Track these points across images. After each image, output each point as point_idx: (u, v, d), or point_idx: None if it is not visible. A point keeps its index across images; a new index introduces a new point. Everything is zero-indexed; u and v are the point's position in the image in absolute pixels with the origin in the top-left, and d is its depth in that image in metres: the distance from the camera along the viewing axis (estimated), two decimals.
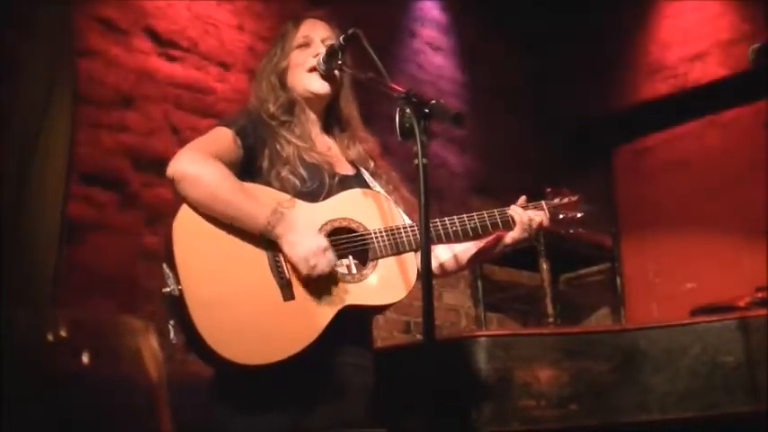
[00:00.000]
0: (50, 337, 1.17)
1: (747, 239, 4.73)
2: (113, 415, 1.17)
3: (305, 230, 2.00)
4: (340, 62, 2.18)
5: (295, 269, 1.99)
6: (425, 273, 1.72)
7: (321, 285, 2.01)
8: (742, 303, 3.07)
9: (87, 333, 1.20)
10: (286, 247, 1.98)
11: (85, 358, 1.16)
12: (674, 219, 5.15)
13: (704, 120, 5.16)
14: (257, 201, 2.02)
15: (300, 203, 2.08)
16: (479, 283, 4.95)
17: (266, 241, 2.01)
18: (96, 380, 1.16)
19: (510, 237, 2.21)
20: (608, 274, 5.25)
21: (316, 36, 2.26)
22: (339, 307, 1.99)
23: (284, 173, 2.09)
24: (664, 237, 5.20)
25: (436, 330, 1.73)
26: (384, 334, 4.20)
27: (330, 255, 1.99)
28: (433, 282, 1.77)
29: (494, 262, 4.95)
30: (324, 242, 2.00)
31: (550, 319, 4.42)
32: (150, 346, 1.21)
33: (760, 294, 3.19)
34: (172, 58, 3.79)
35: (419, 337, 4.27)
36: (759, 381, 2.59)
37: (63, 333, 1.19)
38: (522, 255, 4.41)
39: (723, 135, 5.07)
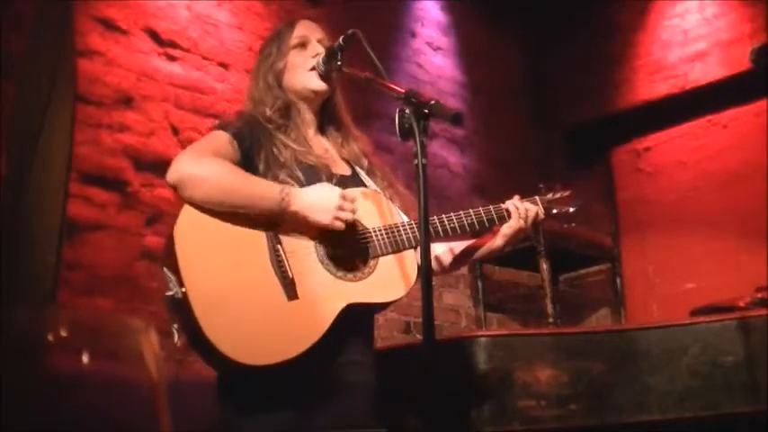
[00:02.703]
0: (50, 337, 1.17)
1: (747, 239, 4.73)
2: (113, 415, 1.17)
3: (317, 194, 2.04)
4: (339, 63, 2.18)
5: (298, 267, 2.01)
6: (425, 273, 1.72)
7: (324, 284, 2.02)
8: (742, 303, 3.06)
9: (87, 333, 1.20)
10: (312, 218, 2.02)
11: (85, 358, 1.16)
12: (673, 219, 5.15)
13: (704, 120, 5.15)
14: (264, 183, 2.05)
15: None
16: (479, 283, 4.95)
17: (268, 239, 2.03)
18: (96, 380, 1.16)
19: (507, 226, 2.24)
20: (608, 274, 5.25)
21: (312, 36, 2.28)
22: (342, 305, 2.00)
23: (282, 176, 2.10)
24: (664, 237, 5.19)
25: (436, 330, 1.73)
26: (384, 334, 4.20)
27: (350, 197, 2.06)
28: (433, 279, 1.78)
29: (494, 262, 4.95)
30: (338, 190, 2.05)
31: (550, 319, 4.41)
32: (150, 346, 1.21)
33: (760, 294, 3.18)
34: (172, 58, 3.79)
35: (419, 337, 4.27)
36: (759, 381, 2.58)
37: (63, 333, 1.19)
38: (522, 255, 4.42)
39: (723, 135, 5.06)
